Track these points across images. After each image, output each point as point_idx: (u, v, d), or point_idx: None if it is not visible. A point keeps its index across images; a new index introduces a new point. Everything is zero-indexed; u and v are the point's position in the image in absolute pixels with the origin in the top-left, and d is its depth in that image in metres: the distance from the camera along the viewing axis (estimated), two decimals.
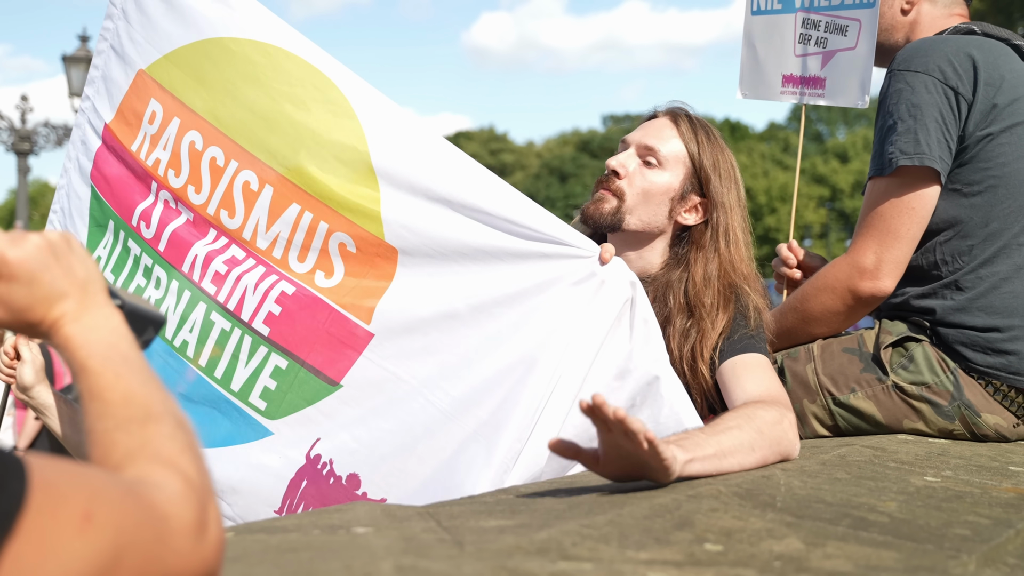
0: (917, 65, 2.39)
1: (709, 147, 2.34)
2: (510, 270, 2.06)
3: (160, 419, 0.92)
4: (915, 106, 2.36)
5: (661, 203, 2.33)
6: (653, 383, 1.97)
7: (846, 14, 2.97)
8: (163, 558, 0.80)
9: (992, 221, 2.41)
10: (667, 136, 2.36)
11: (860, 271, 2.39)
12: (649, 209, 2.33)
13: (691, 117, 2.40)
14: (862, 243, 2.41)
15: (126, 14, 2.64)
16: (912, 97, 2.37)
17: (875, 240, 2.39)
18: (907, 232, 2.37)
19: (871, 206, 2.42)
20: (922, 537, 1.37)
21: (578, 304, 1.98)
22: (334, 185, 2.24)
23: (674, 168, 2.33)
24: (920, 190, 2.36)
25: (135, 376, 0.95)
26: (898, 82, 2.41)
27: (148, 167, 2.55)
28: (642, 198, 2.33)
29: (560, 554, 1.14)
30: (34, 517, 0.70)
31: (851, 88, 3.01)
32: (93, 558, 0.73)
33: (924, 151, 2.33)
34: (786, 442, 1.86)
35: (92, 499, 0.76)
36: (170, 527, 0.81)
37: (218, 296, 2.38)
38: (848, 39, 2.98)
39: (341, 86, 2.28)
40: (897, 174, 2.37)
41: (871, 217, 2.41)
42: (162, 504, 0.82)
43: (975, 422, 2.38)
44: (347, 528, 1.25)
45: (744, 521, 1.36)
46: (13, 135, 16.40)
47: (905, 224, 2.37)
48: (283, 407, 2.28)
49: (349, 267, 2.23)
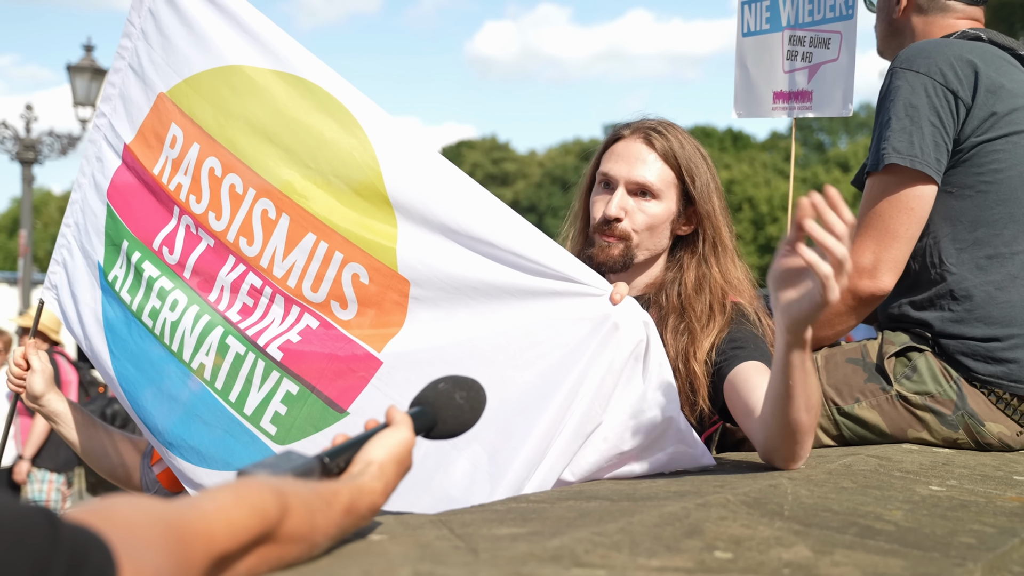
0: (919, 66, 2.42)
1: (685, 157, 2.35)
2: (522, 307, 2.06)
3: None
4: (913, 107, 2.38)
5: (664, 229, 2.37)
6: (668, 423, 1.98)
7: (827, 27, 3.04)
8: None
9: (980, 226, 2.42)
10: (650, 162, 2.34)
11: (859, 271, 2.40)
12: (655, 238, 2.37)
13: (661, 131, 2.37)
14: (860, 243, 2.42)
15: (146, 35, 2.65)
16: (911, 97, 2.39)
17: (873, 240, 2.40)
18: (905, 232, 2.39)
19: (869, 205, 2.44)
20: (928, 545, 1.39)
21: (591, 345, 1.98)
22: (350, 215, 2.25)
23: (667, 193, 2.35)
24: (916, 190, 2.38)
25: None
26: (898, 80, 2.43)
27: (171, 191, 2.56)
28: (648, 233, 2.36)
29: (573, 561, 1.16)
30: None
31: (835, 98, 3.09)
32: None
33: (917, 153, 2.36)
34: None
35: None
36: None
37: (240, 324, 2.39)
38: (831, 51, 3.05)
39: (358, 116, 2.29)
40: (893, 173, 2.39)
41: (869, 217, 2.42)
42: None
43: (979, 431, 2.40)
44: (362, 536, 1.27)
45: (753, 529, 1.38)
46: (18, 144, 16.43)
47: (903, 224, 2.39)
48: (292, 433, 2.29)
49: (362, 298, 2.23)
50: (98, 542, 0.77)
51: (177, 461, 2.48)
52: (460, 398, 1.45)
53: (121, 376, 2.63)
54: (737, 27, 3.31)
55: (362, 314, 2.23)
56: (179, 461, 2.48)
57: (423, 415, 1.41)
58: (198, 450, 2.43)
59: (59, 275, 2.90)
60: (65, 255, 2.89)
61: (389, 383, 2.17)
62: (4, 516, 0.72)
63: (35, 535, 0.72)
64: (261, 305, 2.38)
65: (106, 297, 2.71)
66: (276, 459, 1.20)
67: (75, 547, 0.75)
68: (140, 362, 2.58)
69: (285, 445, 2.28)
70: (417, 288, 2.16)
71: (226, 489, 1.01)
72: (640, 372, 2.01)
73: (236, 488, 1.01)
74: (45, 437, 7.58)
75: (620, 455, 2.00)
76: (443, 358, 2.09)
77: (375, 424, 1.35)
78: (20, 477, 7.67)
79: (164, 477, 2.78)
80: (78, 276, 2.82)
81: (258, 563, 1.01)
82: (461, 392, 1.46)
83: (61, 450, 7.47)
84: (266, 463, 1.18)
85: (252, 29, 2.45)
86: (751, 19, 3.27)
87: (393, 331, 2.19)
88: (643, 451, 2.00)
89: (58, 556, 0.73)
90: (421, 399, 1.45)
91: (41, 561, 0.72)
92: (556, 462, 1.97)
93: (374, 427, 1.34)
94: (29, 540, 0.72)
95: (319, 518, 1.10)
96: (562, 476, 2.00)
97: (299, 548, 1.08)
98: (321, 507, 1.11)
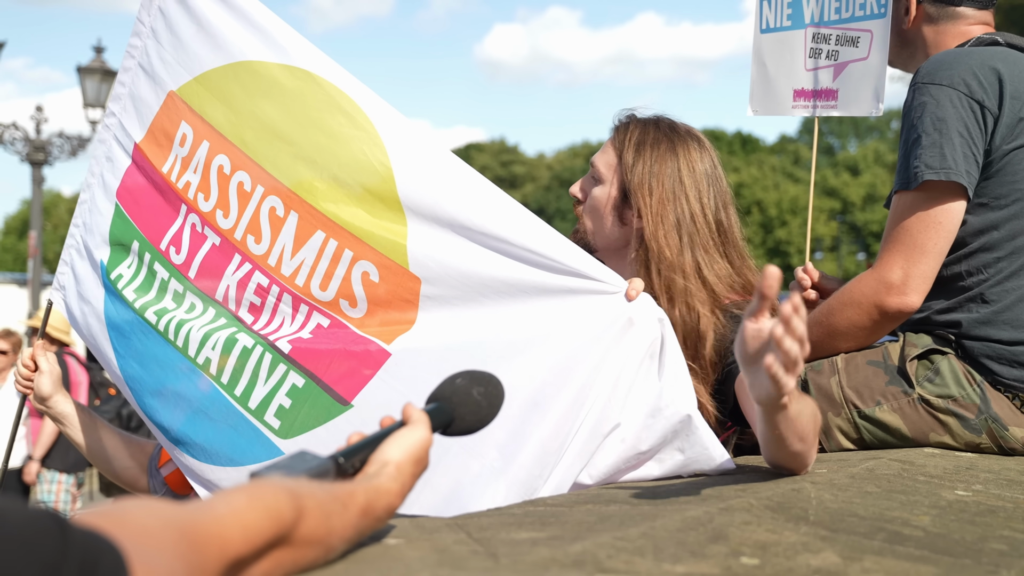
0: (941, 78, 2.38)
1: (634, 144, 2.29)
2: (536, 304, 2.03)
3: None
4: (940, 120, 2.34)
5: (606, 215, 2.32)
6: (685, 421, 1.94)
7: (857, 25, 2.98)
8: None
9: (1019, 235, 2.38)
10: (606, 147, 2.37)
11: (887, 286, 2.36)
12: (600, 224, 2.34)
13: (631, 123, 2.35)
14: (889, 258, 2.38)
15: (156, 34, 2.64)
16: (937, 111, 2.35)
17: (902, 255, 2.36)
18: (934, 247, 2.35)
19: (897, 220, 2.39)
20: (959, 552, 1.36)
21: (606, 342, 1.95)
22: (360, 213, 2.22)
23: (610, 177, 2.33)
24: (947, 205, 2.34)
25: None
26: (922, 95, 2.39)
27: (179, 190, 2.54)
28: (591, 216, 2.35)
29: (596, 567, 1.13)
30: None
31: (865, 97, 3.02)
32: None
33: (950, 165, 2.31)
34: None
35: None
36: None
37: (253, 325, 2.37)
38: (860, 50, 2.98)
39: (369, 113, 2.26)
40: (923, 188, 2.35)
41: (897, 232, 2.38)
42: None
43: (1002, 435, 2.35)
44: (378, 540, 1.24)
45: (778, 535, 1.35)
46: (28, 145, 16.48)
47: (932, 239, 2.34)
48: (295, 427, 2.26)
49: (372, 296, 2.20)
50: (109, 547, 0.74)
51: (184, 458, 2.47)
52: (478, 394, 1.41)
53: (127, 375, 2.61)
54: (755, 23, 3.25)
55: (372, 312, 2.21)
56: (186, 458, 2.46)
57: (440, 412, 1.37)
58: (204, 447, 2.41)
59: (67, 276, 2.89)
60: (73, 255, 2.87)
61: (396, 376, 2.14)
62: (13, 521, 0.69)
63: (45, 540, 0.70)
64: (268, 304, 2.36)
65: (109, 296, 2.69)
66: (290, 460, 1.17)
67: (86, 552, 0.72)
68: (145, 360, 2.56)
69: (289, 439, 2.26)
70: (428, 285, 2.13)
71: (239, 491, 0.98)
72: (656, 370, 1.98)
73: (250, 490, 0.98)
74: (55, 438, 7.58)
75: (638, 455, 1.96)
76: (454, 354, 2.06)
77: (391, 421, 1.32)
78: (30, 478, 7.68)
79: (172, 479, 2.76)
80: (84, 276, 2.80)
81: (273, 567, 0.98)
82: (479, 387, 1.42)
83: (71, 451, 7.46)
84: (280, 464, 1.15)
85: (262, 25, 2.43)
86: (770, 15, 3.22)
87: (404, 327, 2.16)
88: (661, 452, 1.97)
89: (68, 562, 0.70)
90: (438, 395, 1.41)
91: (51, 567, 0.69)
92: (573, 464, 1.94)
93: (390, 425, 1.30)
94: (39, 545, 0.69)
95: (335, 520, 1.07)
96: (578, 479, 1.96)
97: (314, 551, 1.05)
98: (337, 509, 1.08)
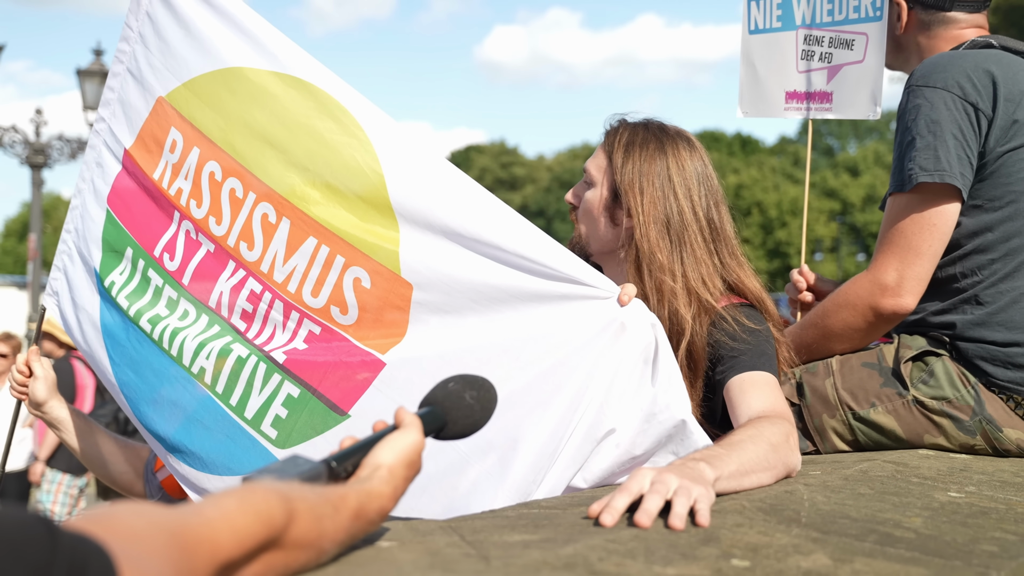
0: (935, 81, 2.38)
1: (623, 146, 2.29)
2: (529, 309, 2.02)
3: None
4: (934, 122, 2.35)
5: (598, 218, 2.32)
6: (679, 426, 1.95)
7: (852, 28, 2.97)
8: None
9: (1013, 236, 2.39)
10: (597, 152, 2.38)
11: (882, 288, 2.37)
12: (593, 227, 2.34)
13: (620, 127, 2.35)
14: (883, 260, 2.39)
15: (144, 38, 2.61)
16: (931, 113, 2.36)
17: (896, 257, 2.37)
18: (928, 249, 2.36)
19: (892, 223, 2.40)
20: (950, 553, 1.36)
21: (599, 348, 1.95)
22: (351, 219, 2.21)
23: (601, 180, 2.33)
24: (941, 206, 2.35)
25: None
26: (916, 98, 2.40)
27: (171, 196, 2.53)
28: (585, 220, 2.36)
29: (587, 569, 1.13)
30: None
31: (861, 100, 3.01)
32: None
33: (944, 167, 2.32)
34: (792, 459, 1.86)
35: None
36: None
37: (247, 333, 2.37)
38: (855, 53, 2.98)
39: (360, 119, 2.24)
40: (918, 191, 2.36)
41: (892, 234, 2.39)
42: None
43: (997, 437, 2.36)
44: (371, 542, 1.24)
45: (770, 537, 1.35)
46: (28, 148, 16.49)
47: (927, 241, 2.35)
48: (292, 436, 2.25)
49: (363, 303, 2.19)
50: (98, 551, 0.75)
51: (179, 467, 2.46)
52: (471, 398, 1.42)
53: (122, 383, 2.60)
54: (743, 24, 3.24)
55: (363, 319, 2.20)
56: (181, 467, 2.45)
57: (433, 416, 1.38)
58: (199, 455, 2.40)
59: (60, 281, 2.87)
60: (66, 261, 2.86)
61: (392, 385, 2.13)
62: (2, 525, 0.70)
63: (33, 544, 0.70)
64: (260, 311, 2.35)
65: (104, 303, 2.68)
66: (282, 464, 1.18)
67: (74, 556, 0.72)
68: (140, 368, 2.55)
69: (286, 449, 2.25)
70: (420, 292, 2.12)
71: (230, 495, 0.98)
72: (649, 375, 1.98)
73: (241, 494, 0.99)
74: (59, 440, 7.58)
75: (632, 460, 1.97)
76: (448, 361, 2.05)
77: (383, 426, 1.32)
78: (35, 478, 7.72)
79: (168, 484, 2.76)
80: (78, 282, 2.79)
81: (264, 570, 0.99)
82: (472, 391, 1.43)
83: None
84: (272, 468, 1.16)
85: (251, 31, 2.40)
86: (759, 16, 3.21)
87: (397, 334, 2.16)
88: (655, 455, 1.98)
89: (57, 565, 0.71)
90: (430, 399, 1.42)
91: (40, 570, 0.70)
92: (567, 468, 1.94)
93: (382, 429, 1.31)
94: (27, 550, 0.70)
95: (326, 523, 1.08)
96: (572, 482, 1.97)
97: (306, 555, 1.05)
98: (328, 512, 1.08)
